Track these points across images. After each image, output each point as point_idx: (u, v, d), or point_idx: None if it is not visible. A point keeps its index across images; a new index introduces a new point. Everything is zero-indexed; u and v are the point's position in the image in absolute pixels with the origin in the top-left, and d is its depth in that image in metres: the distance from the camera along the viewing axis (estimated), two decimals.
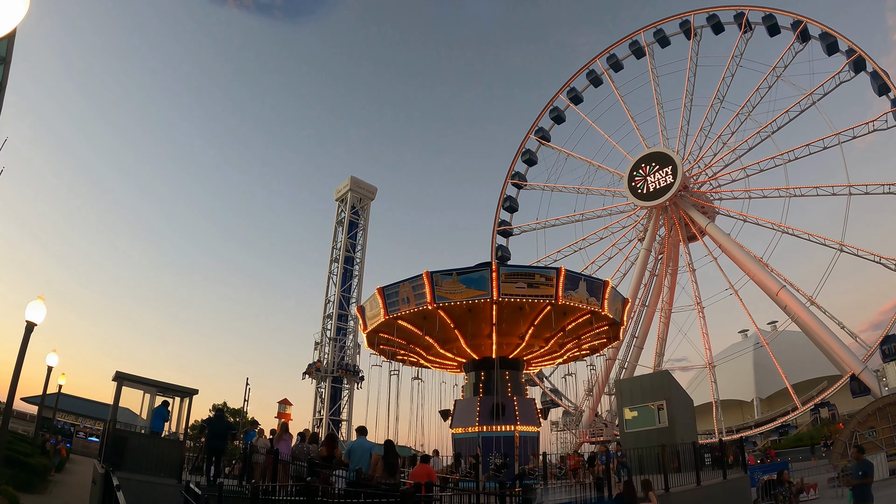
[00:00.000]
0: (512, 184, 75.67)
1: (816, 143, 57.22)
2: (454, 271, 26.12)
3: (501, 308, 26.03)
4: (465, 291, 25.72)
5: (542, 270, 26.16)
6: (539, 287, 25.32)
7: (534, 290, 25.26)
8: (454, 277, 26.05)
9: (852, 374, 50.20)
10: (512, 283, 25.20)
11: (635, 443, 25.79)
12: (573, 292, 25.35)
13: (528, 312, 26.41)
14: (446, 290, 26.04)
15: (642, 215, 67.78)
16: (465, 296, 25.67)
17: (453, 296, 25.91)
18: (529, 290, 25.25)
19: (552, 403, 64.87)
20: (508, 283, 25.15)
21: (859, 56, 54.12)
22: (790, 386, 55.77)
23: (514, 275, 25.55)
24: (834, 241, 55.04)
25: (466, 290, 25.68)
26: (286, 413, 63.70)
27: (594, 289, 26.33)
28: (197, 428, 28.77)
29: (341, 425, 71.19)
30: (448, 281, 26.10)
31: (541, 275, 25.77)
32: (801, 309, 54.13)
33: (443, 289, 26.04)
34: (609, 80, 71.83)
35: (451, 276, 26.10)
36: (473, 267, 26.04)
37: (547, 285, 25.26)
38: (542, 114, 75.55)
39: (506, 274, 25.36)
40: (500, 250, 73.87)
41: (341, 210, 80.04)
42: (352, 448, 14.83)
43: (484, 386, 30.19)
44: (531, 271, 26.12)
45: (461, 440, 30.24)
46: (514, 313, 26.42)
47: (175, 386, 21.19)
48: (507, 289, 25.11)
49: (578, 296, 25.54)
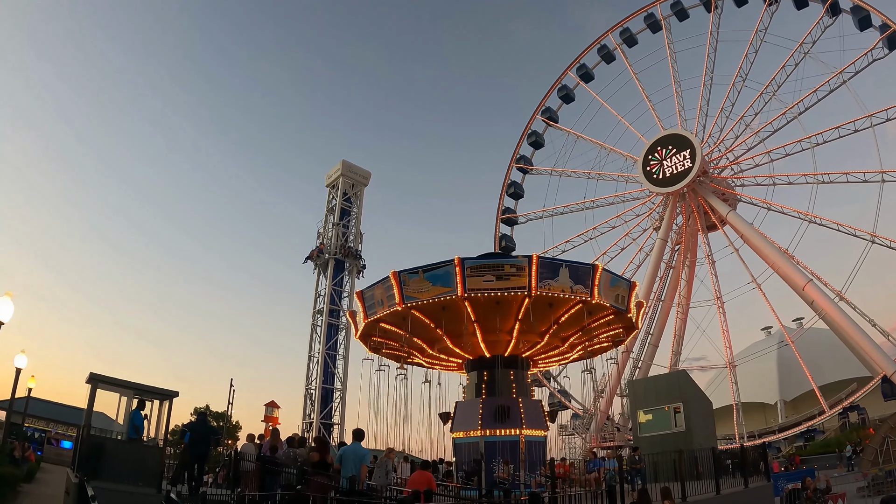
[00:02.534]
0: (517, 168, 75.51)
1: (847, 126, 56.98)
2: (420, 269, 26.21)
3: (475, 304, 26.14)
4: (431, 289, 25.84)
5: (512, 260, 25.84)
6: (510, 279, 25.00)
7: (504, 283, 25.01)
8: (420, 275, 26.19)
9: (884, 376, 50.16)
10: (479, 276, 25.02)
11: (650, 448, 25.93)
12: (551, 281, 25.04)
13: (506, 307, 26.45)
14: (414, 289, 26.24)
15: (658, 203, 67.73)
16: (433, 294, 25.75)
17: (421, 294, 26.06)
18: (499, 283, 25.04)
19: (560, 405, 65.02)
20: (475, 278, 24.98)
21: (894, 31, 53.85)
22: (817, 388, 55.89)
23: (480, 268, 25.28)
24: (865, 231, 55.03)
25: (433, 287, 25.79)
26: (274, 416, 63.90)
27: (580, 275, 25.79)
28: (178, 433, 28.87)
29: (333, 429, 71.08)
30: (415, 279, 26.29)
31: (511, 265, 25.43)
32: (830, 305, 54.04)
33: (410, 288, 26.23)
34: (622, 56, 71.50)
35: (418, 273, 26.26)
36: (438, 263, 25.97)
37: (518, 276, 24.94)
38: (550, 93, 75.21)
39: (471, 267, 25.12)
40: (503, 240, 73.92)
41: (332, 197, 79.80)
42: (343, 453, 14.70)
43: (487, 387, 30.33)
44: (500, 262, 25.73)
45: (462, 445, 30.41)
46: (491, 309, 26.25)
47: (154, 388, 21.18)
48: (473, 283, 24.96)
49: (559, 285, 25.16)
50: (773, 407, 78.97)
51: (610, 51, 71.75)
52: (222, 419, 56.70)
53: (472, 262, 25.27)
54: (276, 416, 64.64)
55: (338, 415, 72.02)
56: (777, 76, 61.27)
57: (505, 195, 75.23)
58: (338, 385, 72.59)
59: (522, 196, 75.55)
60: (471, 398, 31.14)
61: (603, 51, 71.96)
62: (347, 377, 72.27)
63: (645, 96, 70.26)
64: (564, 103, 74.90)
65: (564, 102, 74.83)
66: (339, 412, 72.27)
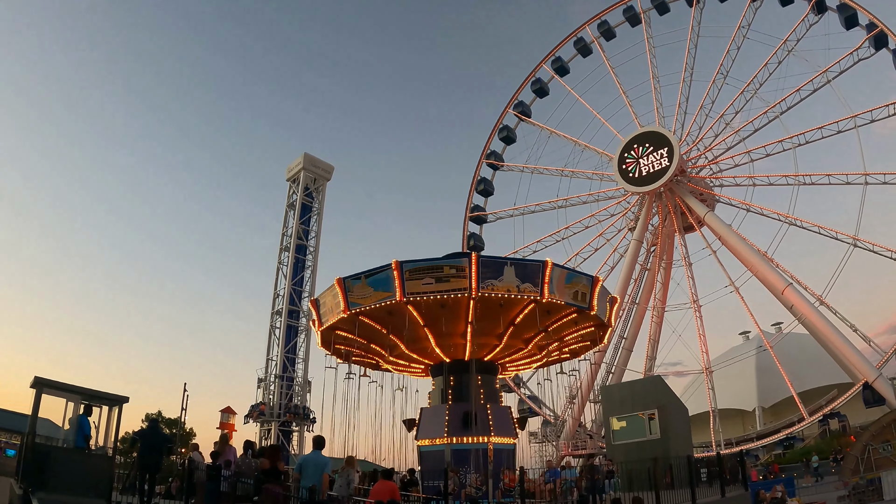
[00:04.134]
0: (487, 164, 75.46)
1: (830, 127, 57.63)
2: (363, 274, 26.79)
3: (419, 308, 26.45)
4: (373, 295, 26.40)
5: (451, 261, 26.17)
6: (450, 281, 25.46)
7: (444, 286, 25.45)
8: (363, 280, 26.82)
9: (865, 383, 50.60)
10: (418, 279, 25.51)
11: (624, 456, 25.89)
12: (495, 281, 25.36)
13: (453, 310, 26.61)
14: (358, 295, 26.88)
15: (633, 202, 68.11)
16: (376, 299, 26.39)
17: (365, 300, 26.69)
18: (439, 286, 25.48)
19: (530, 412, 64.98)
20: (414, 281, 25.47)
21: (881, 31, 54.46)
22: (796, 394, 56.32)
23: (418, 270, 25.69)
24: (847, 234, 55.71)
25: (374, 292, 26.35)
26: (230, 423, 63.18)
27: (528, 273, 26.03)
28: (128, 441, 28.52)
29: (292, 437, 70.63)
30: (358, 285, 26.97)
31: (450, 266, 25.85)
32: (810, 309, 54.60)
33: (355, 294, 26.91)
34: (599, 50, 71.88)
35: (361, 279, 26.86)
36: (378, 267, 26.43)
37: (459, 277, 25.34)
38: (523, 86, 75.33)
39: (409, 270, 25.58)
40: (472, 239, 73.72)
41: (293, 192, 79.09)
42: (303, 462, 14.47)
43: (453, 392, 30.18)
44: (439, 264, 26.09)
45: (428, 453, 30.19)
46: (437, 312, 26.65)
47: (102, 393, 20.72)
48: (412, 287, 25.45)
49: (504, 284, 25.46)
50: (751, 414, 79.57)
51: (587, 44, 71.91)
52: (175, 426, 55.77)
53: (410, 265, 25.52)
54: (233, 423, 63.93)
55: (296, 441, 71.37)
56: (759, 74, 61.76)
57: (474, 192, 75.12)
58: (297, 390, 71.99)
59: (492, 193, 75.53)
60: (436, 404, 31.01)
61: (579, 44, 72.12)
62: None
63: (622, 92, 70.66)
64: (538, 97, 75.06)
65: (538, 96, 75.00)
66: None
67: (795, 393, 56.52)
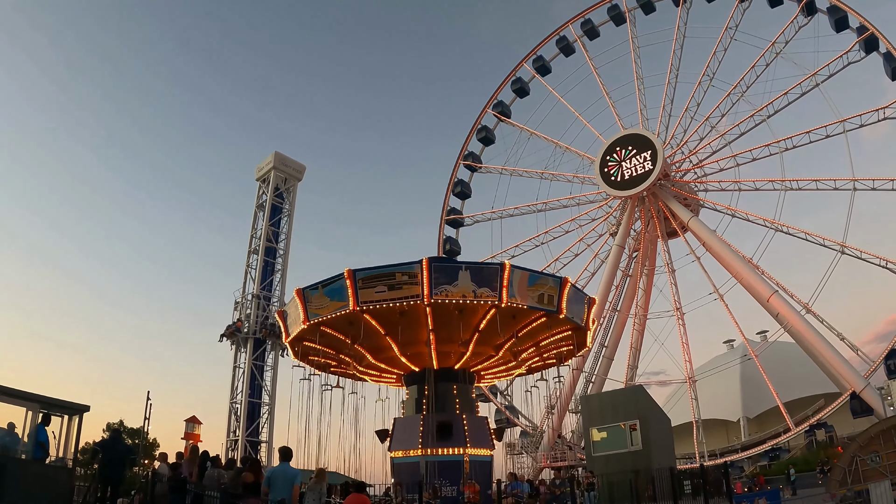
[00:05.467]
0: (464, 165, 75.44)
1: (818, 131, 58.21)
2: (319, 284, 27.11)
3: (377, 317, 26.67)
4: (329, 305, 26.73)
5: (402, 267, 26.15)
6: (402, 288, 25.66)
7: (396, 293, 25.66)
8: (320, 290, 27.16)
9: (853, 392, 51.01)
10: (371, 287, 25.77)
11: (605, 468, 25.89)
12: (449, 286, 25.50)
13: (411, 317, 26.71)
14: (316, 305, 27.22)
15: (615, 206, 68.32)
16: (332, 309, 26.70)
17: (322, 311, 27.01)
18: (391, 294, 25.70)
19: (508, 422, 64.85)
20: (367, 289, 25.75)
21: (872, 34, 55.06)
22: (782, 404, 56.58)
23: (371, 278, 25.97)
24: (835, 241, 56.19)
25: (331, 302, 26.67)
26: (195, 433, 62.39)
27: (484, 277, 26.14)
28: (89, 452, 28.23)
29: (260, 447, 69.80)
30: (316, 295, 27.38)
31: (402, 272, 25.95)
32: (796, 318, 54.98)
33: (313, 305, 27.25)
34: (583, 49, 72.11)
35: (318, 289, 27.19)
36: (333, 277, 26.61)
37: (411, 284, 25.50)
38: (503, 85, 75.47)
39: (362, 279, 25.87)
40: (448, 242, 73.61)
41: (262, 192, 78.20)
42: (272, 475, 14.19)
43: (428, 402, 30.03)
44: (390, 271, 26.18)
45: (402, 465, 30.03)
46: (394, 320, 26.71)
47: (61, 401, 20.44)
48: (366, 296, 25.73)
49: (458, 289, 25.57)
50: (735, 424, 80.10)
51: (569, 43, 72.19)
52: (138, 436, 55.10)
53: (363, 274, 25.91)
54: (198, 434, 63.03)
55: (266, 432, 70.68)
56: (746, 76, 62.27)
57: (451, 194, 74.98)
58: (266, 399, 71.18)
59: (469, 196, 75.49)
60: (410, 414, 30.87)
61: (562, 42, 72.41)
62: (276, 391, 70.93)
63: (605, 93, 70.97)
64: (518, 97, 75.21)
65: (518, 96, 75.14)
66: (268, 429, 70.94)
67: (781, 403, 56.77)
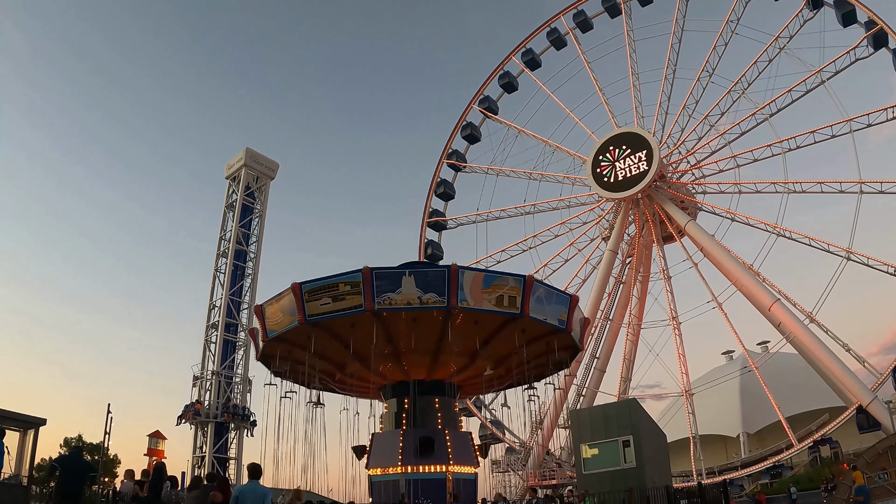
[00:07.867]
0: (448, 164, 75.24)
1: (823, 131, 58.29)
2: (274, 298, 27.84)
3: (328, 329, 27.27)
4: (283, 319, 27.47)
5: (345, 277, 26.58)
6: (346, 298, 26.17)
7: (340, 304, 26.18)
8: (274, 305, 27.87)
9: (859, 406, 51.02)
10: (316, 300, 26.34)
11: (597, 487, 25.97)
12: (392, 294, 25.85)
13: (363, 328, 26.94)
14: (272, 321, 28.02)
15: (608, 209, 68.44)
16: (285, 324, 27.34)
17: (277, 326, 27.75)
18: (336, 305, 26.22)
19: (493, 438, 64.62)
20: (313, 302, 26.33)
21: (881, 29, 55.09)
22: (784, 419, 56.59)
23: (316, 290, 26.47)
24: (840, 247, 56.22)
25: (283, 317, 27.45)
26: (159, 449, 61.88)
27: (430, 282, 26.41)
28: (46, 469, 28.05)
29: (229, 465, 69.33)
30: (271, 310, 27.99)
31: (345, 282, 26.41)
32: (799, 327, 54.99)
33: (270, 320, 27.99)
34: (575, 42, 72.32)
35: (273, 304, 27.93)
36: (283, 291, 27.22)
37: (354, 294, 26.00)
38: (490, 79, 75.40)
39: (308, 291, 26.38)
40: (430, 246, 73.17)
41: (233, 191, 77.85)
42: (240, 494, 13.93)
43: (408, 416, 29.95)
44: (333, 282, 26.58)
45: (380, 483, 29.90)
46: (345, 332, 27.24)
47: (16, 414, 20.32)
48: (312, 309, 26.26)
49: (403, 296, 25.92)
50: (734, 440, 79.95)
51: (561, 35, 72.18)
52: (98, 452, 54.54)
53: (309, 286, 26.48)
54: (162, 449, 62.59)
55: (234, 448, 70.25)
56: (748, 73, 62.34)
57: (433, 195, 74.63)
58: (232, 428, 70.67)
59: (453, 197, 75.33)
60: (389, 429, 30.75)
61: (553, 35, 72.36)
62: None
63: (598, 89, 71.02)
64: (506, 92, 75.07)
65: (506, 91, 74.98)
66: (236, 445, 70.53)
67: (783, 417, 56.74)
